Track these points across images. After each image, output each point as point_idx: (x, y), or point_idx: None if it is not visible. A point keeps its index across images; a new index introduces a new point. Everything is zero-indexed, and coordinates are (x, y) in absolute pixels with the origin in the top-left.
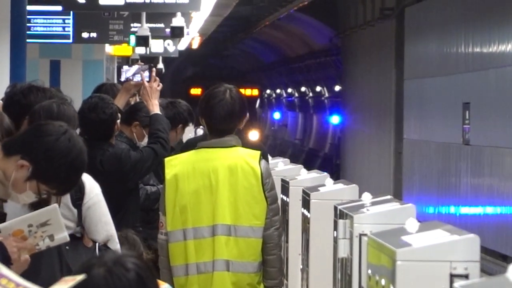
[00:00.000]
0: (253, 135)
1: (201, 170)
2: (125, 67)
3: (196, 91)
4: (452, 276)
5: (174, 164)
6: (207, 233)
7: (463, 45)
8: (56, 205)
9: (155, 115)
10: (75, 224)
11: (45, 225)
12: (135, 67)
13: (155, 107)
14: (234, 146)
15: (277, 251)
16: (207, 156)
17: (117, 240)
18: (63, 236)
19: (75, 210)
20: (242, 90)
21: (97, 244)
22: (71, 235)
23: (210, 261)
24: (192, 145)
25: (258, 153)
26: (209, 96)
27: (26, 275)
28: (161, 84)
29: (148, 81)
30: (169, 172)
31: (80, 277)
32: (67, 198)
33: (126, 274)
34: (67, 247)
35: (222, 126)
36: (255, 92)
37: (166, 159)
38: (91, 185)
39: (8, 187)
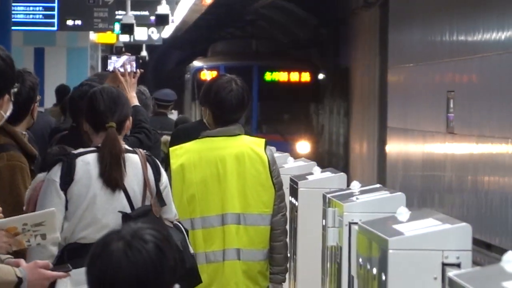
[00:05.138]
0: (302, 147)
1: (208, 159)
2: (114, 58)
3: (212, 74)
4: (444, 265)
5: (180, 154)
6: (216, 222)
7: (448, 33)
8: (53, 209)
9: (135, 107)
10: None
11: (39, 225)
12: (123, 58)
13: (133, 99)
14: (239, 134)
15: (284, 238)
16: (213, 145)
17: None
18: (55, 236)
19: (154, 189)
20: (284, 74)
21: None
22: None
23: (220, 250)
24: (183, 132)
25: (263, 140)
26: (217, 87)
27: None
28: (138, 73)
29: (134, 72)
30: (174, 162)
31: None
32: (152, 177)
33: (145, 246)
34: None
35: (232, 116)
36: (306, 77)
37: (171, 149)
38: (162, 169)
39: None
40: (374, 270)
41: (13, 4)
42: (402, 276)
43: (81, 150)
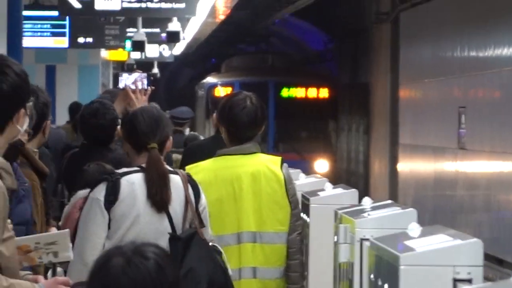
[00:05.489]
0: (320, 166)
1: (224, 177)
2: (125, 75)
3: (227, 91)
4: (456, 281)
5: (195, 172)
6: (232, 240)
7: (459, 48)
8: (67, 230)
9: None
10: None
11: (52, 244)
12: (134, 75)
13: None
14: (255, 152)
15: (300, 256)
16: (229, 163)
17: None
18: (67, 255)
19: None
20: (301, 90)
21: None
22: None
23: (236, 269)
24: (196, 149)
25: (279, 158)
26: (231, 104)
27: None
28: (149, 91)
29: (145, 89)
30: None
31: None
32: (192, 198)
33: (145, 262)
34: None
35: (245, 134)
36: (324, 93)
37: (187, 167)
38: (201, 190)
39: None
40: (386, 286)
41: (24, 22)
42: None
43: (125, 169)
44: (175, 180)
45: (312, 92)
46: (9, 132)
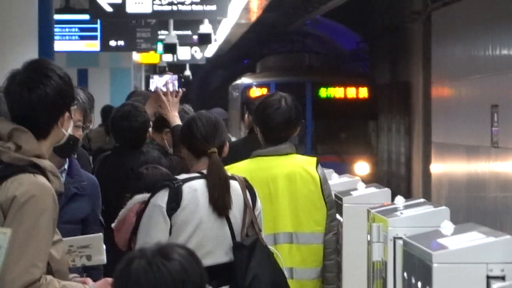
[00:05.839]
0: (361, 168)
1: (260, 179)
2: (156, 77)
3: (262, 91)
4: (489, 278)
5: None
6: (268, 241)
7: (491, 47)
8: (101, 234)
9: (177, 126)
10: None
11: (85, 248)
12: (165, 77)
13: (175, 119)
14: (290, 153)
15: (335, 256)
16: (264, 164)
17: None
18: (101, 258)
19: (254, 216)
20: (340, 90)
21: None
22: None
23: None
24: (235, 149)
25: (314, 159)
26: (265, 104)
27: None
28: (181, 93)
29: (177, 91)
30: None
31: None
32: (250, 203)
33: (167, 264)
34: None
35: (279, 134)
36: (364, 93)
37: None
38: (257, 194)
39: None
40: (419, 284)
41: (56, 25)
42: None
43: (185, 176)
44: (234, 186)
45: (351, 92)
46: (54, 136)
